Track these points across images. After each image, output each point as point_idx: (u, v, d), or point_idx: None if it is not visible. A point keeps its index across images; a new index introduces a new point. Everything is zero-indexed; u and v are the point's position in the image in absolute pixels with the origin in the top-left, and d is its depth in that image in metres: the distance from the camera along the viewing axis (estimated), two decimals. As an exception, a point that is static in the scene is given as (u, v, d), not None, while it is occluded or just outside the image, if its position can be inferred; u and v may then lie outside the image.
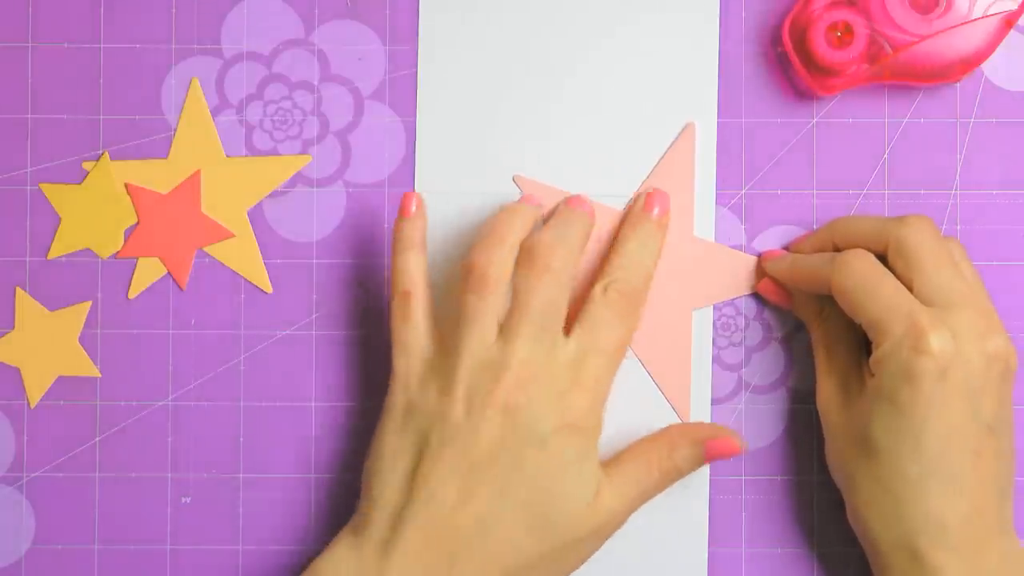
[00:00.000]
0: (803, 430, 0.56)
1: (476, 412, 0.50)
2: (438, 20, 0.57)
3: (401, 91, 0.57)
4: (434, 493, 0.49)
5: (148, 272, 0.56)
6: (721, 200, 0.56)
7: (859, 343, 0.53)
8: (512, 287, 0.51)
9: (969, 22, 0.54)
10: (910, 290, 0.50)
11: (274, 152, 0.57)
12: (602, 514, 0.51)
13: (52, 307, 0.56)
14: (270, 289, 0.56)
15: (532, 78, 0.56)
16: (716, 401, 0.56)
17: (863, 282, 0.50)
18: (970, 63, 0.54)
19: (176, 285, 0.56)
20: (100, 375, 0.56)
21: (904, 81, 0.55)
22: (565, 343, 0.51)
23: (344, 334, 0.56)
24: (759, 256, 0.56)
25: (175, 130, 0.56)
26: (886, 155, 0.56)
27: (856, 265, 0.51)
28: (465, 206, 0.56)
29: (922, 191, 0.56)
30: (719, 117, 0.56)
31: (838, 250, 0.53)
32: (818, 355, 0.54)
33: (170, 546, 0.56)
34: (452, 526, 0.49)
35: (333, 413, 0.56)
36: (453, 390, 0.50)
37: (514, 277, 0.51)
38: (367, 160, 0.57)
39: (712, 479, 0.56)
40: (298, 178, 0.57)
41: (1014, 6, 0.54)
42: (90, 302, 0.56)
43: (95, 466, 0.56)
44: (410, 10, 0.57)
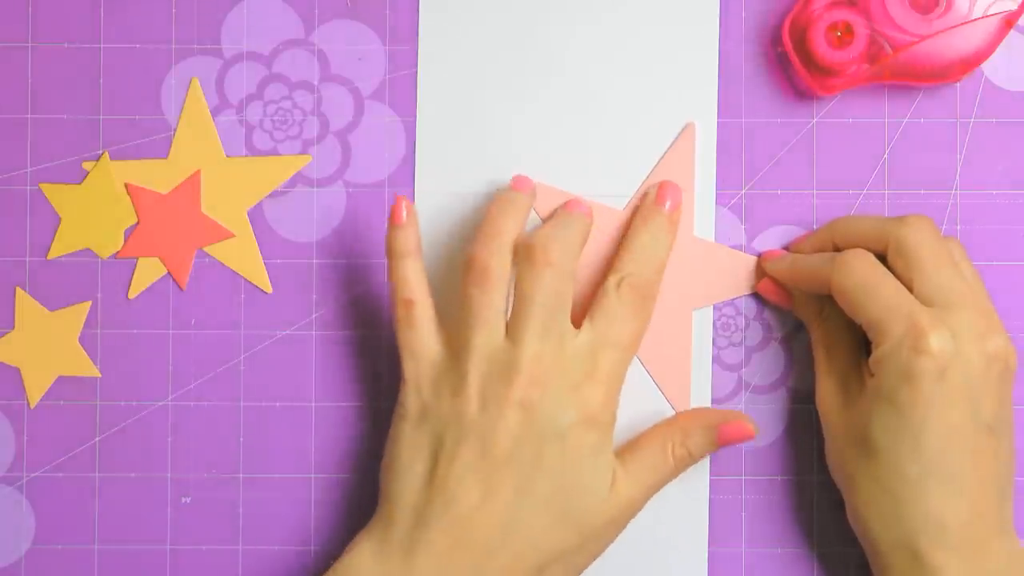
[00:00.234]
0: (803, 430, 0.56)
1: (492, 410, 0.50)
2: (438, 20, 0.57)
3: (401, 91, 0.57)
4: (455, 494, 0.49)
5: (148, 272, 0.56)
6: (721, 200, 0.56)
7: (859, 343, 0.53)
8: (515, 284, 0.51)
9: (969, 22, 0.54)
10: (910, 290, 0.50)
11: (274, 152, 0.57)
12: (620, 504, 0.51)
13: (52, 307, 0.56)
14: (270, 289, 0.56)
15: (532, 78, 0.56)
16: (716, 401, 0.56)
17: (863, 282, 0.50)
18: (970, 63, 0.54)
19: (176, 285, 0.56)
20: (100, 375, 0.56)
21: (904, 81, 0.55)
22: (575, 336, 0.51)
23: (344, 334, 0.56)
24: (759, 256, 0.56)
25: (175, 130, 0.56)
26: (886, 155, 0.56)
27: (856, 265, 0.51)
28: (465, 206, 0.56)
29: (922, 191, 0.56)
30: (719, 117, 0.56)
31: (838, 250, 0.53)
32: (818, 355, 0.54)
33: (170, 546, 0.56)
34: (476, 526, 0.49)
35: (333, 413, 0.56)
36: (466, 389, 0.50)
37: (516, 274, 0.51)
38: (367, 160, 0.57)
39: (712, 479, 0.56)
40: (298, 178, 0.57)
41: (1014, 6, 0.54)
42: (90, 302, 0.56)
43: (95, 466, 0.56)
44: (410, 10, 0.57)
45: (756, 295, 0.56)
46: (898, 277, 0.50)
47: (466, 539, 0.49)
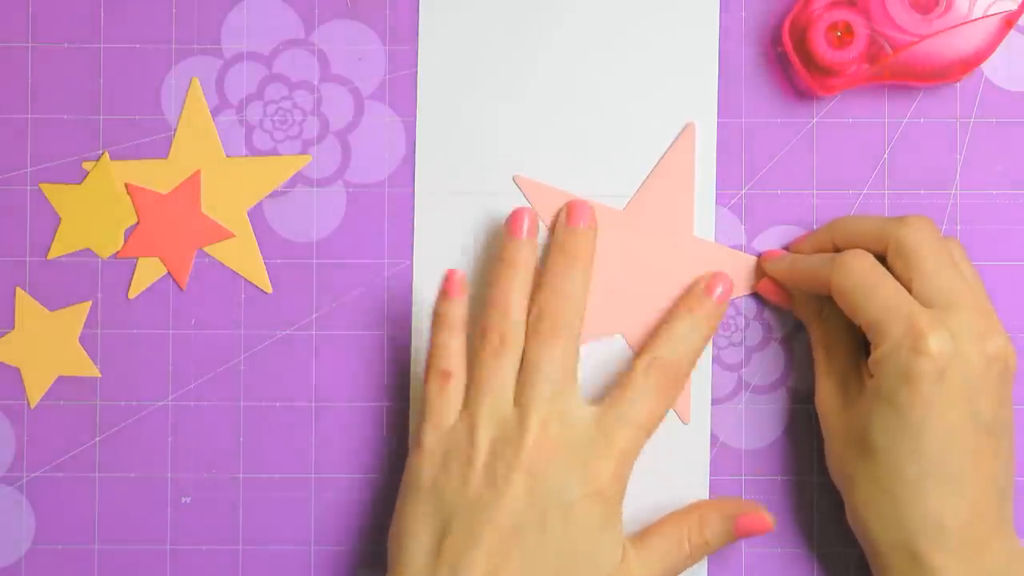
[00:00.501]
0: (803, 430, 0.56)
1: (500, 480, 0.50)
2: (438, 20, 0.57)
3: (401, 91, 0.57)
4: (462, 566, 0.49)
5: (148, 272, 0.56)
6: (721, 200, 0.56)
7: (858, 344, 0.53)
8: (524, 351, 0.52)
9: (969, 22, 0.54)
10: (910, 290, 0.50)
11: (274, 152, 0.57)
12: None
13: (52, 307, 0.56)
14: (270, 289, 0.56)
15: (532, 78, 0.56)
16: (716, 401, 0.56)
17: (862, 282, 0.50)
18: (970, 63, 0.54)
19: (176, 285, 0.56)
20: (100, 375, 0.56)
21: (904, 81, 0.55)
22: (586, 406, 0.51)
23: (344, 334, 0.56)
24: (759, 256, 0.56)
25: (175, 130, 0.56)
26: (886, 155, 0.56)
27: (855, 265, 0.51)
28: (465, 206, 0.56)
29: (922, 191, 0.56)
30: (719, 117, 0.56)
31: (838, 250, 0.53)
32: (817, 356, 0.54)
33: (170, 546, 0.56)
34: None
35: (333, 413, 0.56)
36: (474, 459, 0.50)
37: (526, 341, 0.52)
38: (367, 160, 0.57)
39: (712, 479, 0.56)
40: (298, 178, 0.57)
41: (1014, 6, 0.54)
42: (90, 302, 0.56)
43: (95, 466, 0.56)
44: (410, 10, 0.57)
45: (756, 295, 0.56)
46: (898, 277, 0.50)
47: None
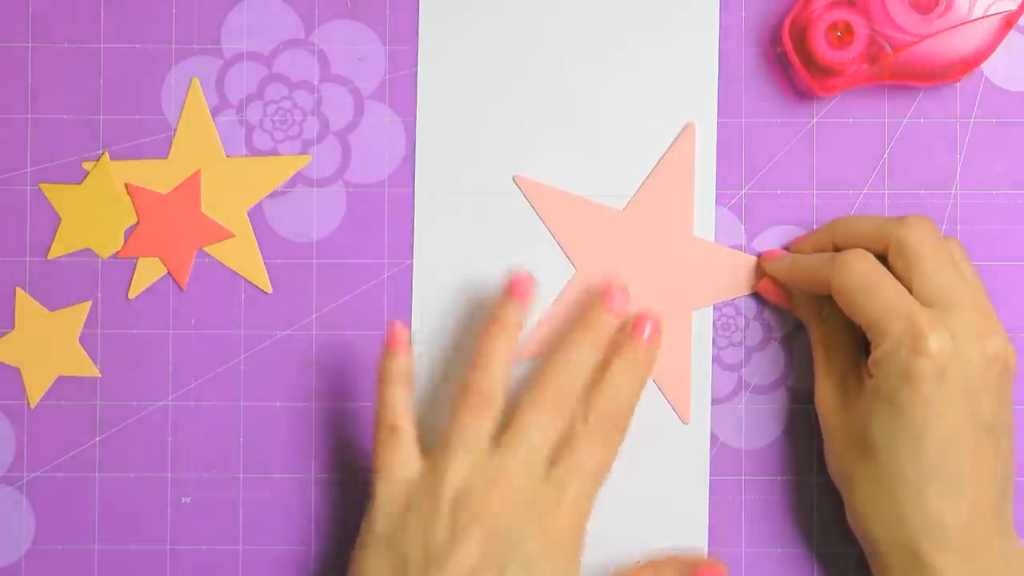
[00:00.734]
0: (803, 430, 0.56)
1: (460, 532, 0.49)
2: (438, 20, 0.57)
3: (401, 91, 0.57)
4: None
5: (148, 272, 0.56)
6: (721, 200, 0.56)
7: (858, 344, 0.53)
8: (514, 412, 0.51)
9: (969, 22, 0.54)
10: (910, 290, 0.50)
11: (274, 152, 0.57)
12: None
13: (52, 307, 0.56)
14: (270, 289, 0.56)
15: (532, 78, 0.56)
16: (716, 401, 0.56)
17: (862, 282, 0.50)
18: (970, 63, 0.54)
19: (176, 285, 0.56)
20: (100, 375, 0.56)
21: (904, 81, 0.55)
22: (548, 465, 0.51)
23: (344, 334, 0.56)
24: (759, 256, 0.56)
25: (175, 130, 0.56)
26: (886, 155, 0.56)
27: (856, 265, 0.51)
28: (465, 206, 0.56)
29: (922, 191, 0.56)
30: (719, 117, 0.56)
31: (838, 250, 0.53)
32: (817, 356, 0.54)
33: (170, 546, 0.56)
34: None
35: (333, 413, 0.56)
36: (437, 511, 0.50)
37: (522, 400, 0.51)
38: (367, 160, 0.57)
39: (712, 479, 0.56)
40: (298, 178, 0.57)
41: (1014, 6, 0.54)
42: (90, 302, 0.56)
43: (95, 466, 0.56)
44: (410, 10, 0.57)
45: (756, 295, 0.56)
46: (898, 277, 0.50)
47: None
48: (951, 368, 0.48)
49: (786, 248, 0.56)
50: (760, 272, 0.56)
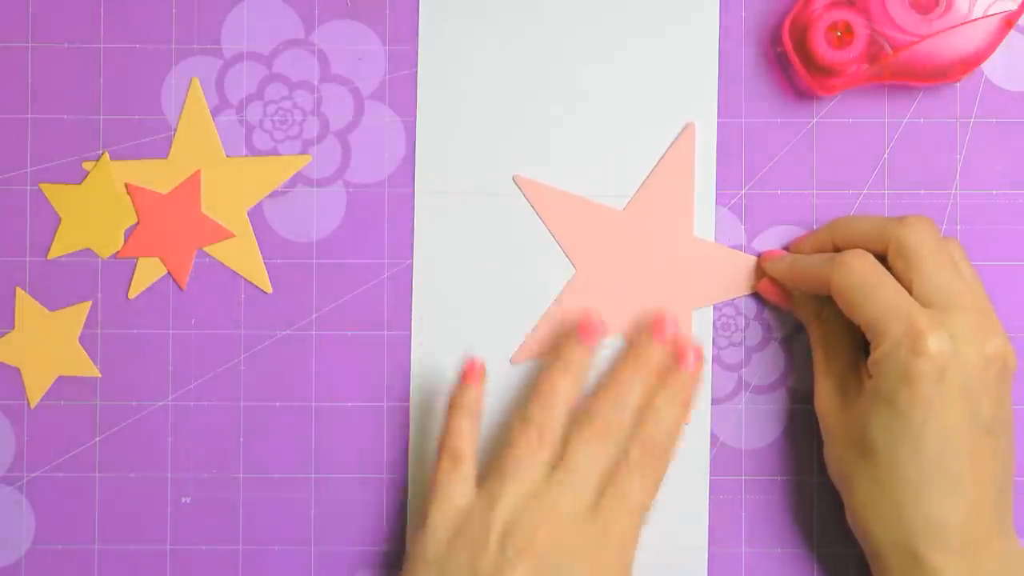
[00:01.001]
0: (803, 430, 0.56)
1: (506, 566, 0.49)
2: (438, 20, 0.57)
3: (401, 91, 0.57)
4: None
5: (148, 272, 0.56)
6: (721, 200, 0.56)
7: (858, 344, 0.53)
8: (566, 443, 0.52)
9: (969, 22, 0.54)
10: (909, 290, 0.50)
11: (274, 152, 0.57)
12: None
13: (52, 307, 0.56)
14: (270, 289, 0.56)
15: (532, 78, 0.56)
16: (716, 401, 0.56)
17: (862, 282, 0.50)
18: (970, 63, 0.54)
19: (176, 285, 0.56)
20: (100, 375, 0.56)
21: (904, 81, 0.55)
22: (596, 497, 0.51)
23: (344, 334, 0.56)
24: (759, 256, 0.56)
25: (175, 130, 0.56)
26: (886, 155, 0.56)
27: (855, 265, 0.51)
28: (465, 206, 0.56)
29: (922, 191, 0.56)
30: (719, 117, 0.56)
31: (838, 250, 0.53)
32: (816, 356, 0.54)
33: (170, 546, 0.56)
34: None
35: (333, 413, 0.56)
36: (486, 542, 0.50)
37: (572, 434, 0.52)
38: (367, 160, 0.57)
39: (712, 479, 0.56)
40: (298, 178, 0.57)
41: (1014, 6, 0.54)
42: (90, 302, 0.56)
43: (95, 466, 0.56)
44: (410, 10, 0.57)
45: (756, 295, 0.56)
46: (898, 277, 0.50)
47: None
48: (950, 368, 0.48)
49: (786, 248, 0.56)
50: (760, 272, 0.56)
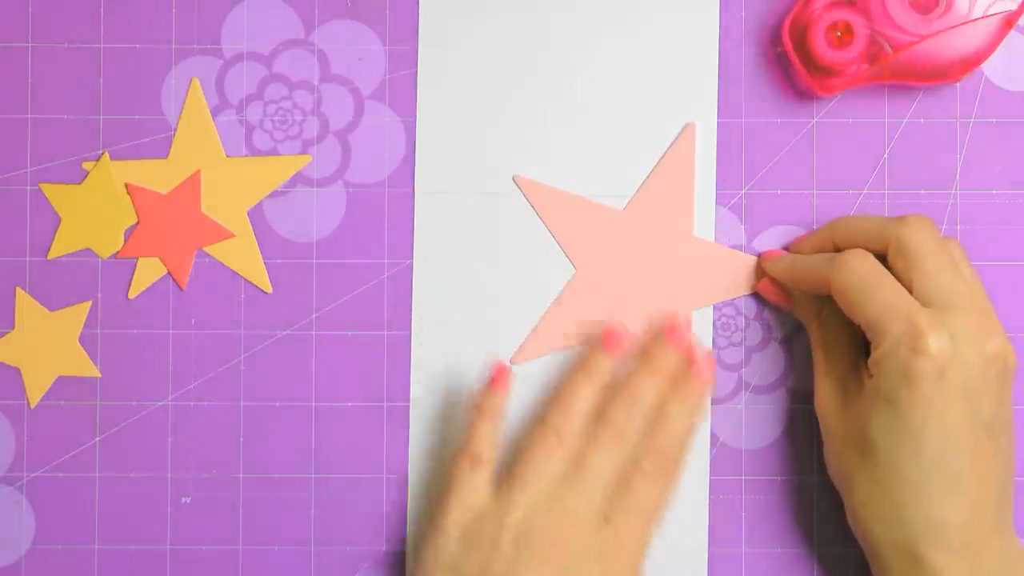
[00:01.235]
0: (803, 430, 0.56)
1: (522, 563, 0.50)
2: (438, 20, 0.57)
3: (401, 91, 0.57)
4: None
5: (148, 272, 0.56)
6: (721, 200, 0.56)
7: (858, 344, 0.53)
8: (581, 448, 0.52)
9: (969, 22, 0.54)
10: (910, 290, 0.50)
11: (274, 152, 0.57)
12: None
13: (52, 307, 0.56)
14: (270, 289, 0.56)
15: (532, 78, 0.56)
16: (716, 401, 0.56)
17: (862, 282, 0.50)
18: (970, 63, 0.54)
19: (176, 285, 0.56)
20: (100, 375, 0.56)
21: (904, 81, 0.55)
22: (610, 501, 0.51)
23: (344, 334, 0.56)
24: (759, 256, 0.56)
25: (175, 130, 0.56)
26: (886, 155, 0.56)
27: (856, 265, 0.51)
28: (465, 206, 0.56)
29: (922, 191, 0.56)
30: (719, 117, 0.56)
31: (838, 250, 0.53)
32: (816, 356, 0.54)
33: (170, 546, 0.56)
34: None
35: (333, 413, 0.56)
36: (499, 545, 0.50)
37: (586, 439, 0.52)
38: (367, 160, 0.57)
39: (712, 479, 0.56)
40: (298, 178, 0.57)
41: (1014, 6, 0.54)
42: (90, 302, 0.56)
43: (95, 466, 0.56)
44: (410, 10, 0.57)
45: (756, 295, 0.56)
46: (898, 277, 0.50)
47: None
48: (950, 368, 0.48)
49: (786, 248, 0.56)
50: (760, 272, 0.56)
